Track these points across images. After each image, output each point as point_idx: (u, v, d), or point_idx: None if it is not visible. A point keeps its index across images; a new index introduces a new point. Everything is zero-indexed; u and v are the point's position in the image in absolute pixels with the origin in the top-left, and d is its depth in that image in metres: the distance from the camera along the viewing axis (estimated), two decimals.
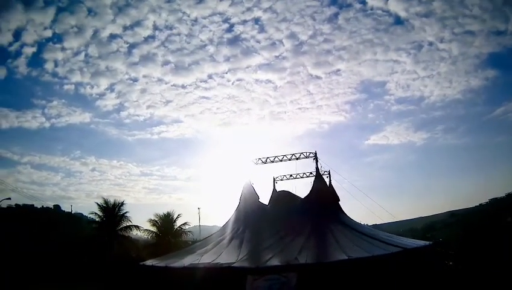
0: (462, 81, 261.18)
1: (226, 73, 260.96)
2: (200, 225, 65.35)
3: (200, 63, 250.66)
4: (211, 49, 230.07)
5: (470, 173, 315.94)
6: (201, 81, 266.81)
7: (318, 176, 29.49)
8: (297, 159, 30.13)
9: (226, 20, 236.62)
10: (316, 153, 30.20)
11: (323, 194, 28.18)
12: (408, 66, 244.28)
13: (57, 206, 78.32)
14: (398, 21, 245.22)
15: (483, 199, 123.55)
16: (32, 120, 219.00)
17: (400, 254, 20.22)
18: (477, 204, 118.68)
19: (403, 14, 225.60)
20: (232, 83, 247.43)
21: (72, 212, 74.86)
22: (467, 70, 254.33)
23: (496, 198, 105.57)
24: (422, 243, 26.18)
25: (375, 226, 60.26)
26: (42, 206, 69.02)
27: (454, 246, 39.19)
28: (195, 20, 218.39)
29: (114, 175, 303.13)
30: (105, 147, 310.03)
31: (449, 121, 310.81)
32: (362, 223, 36.96)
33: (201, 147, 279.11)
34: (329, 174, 31.36)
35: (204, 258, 21.57)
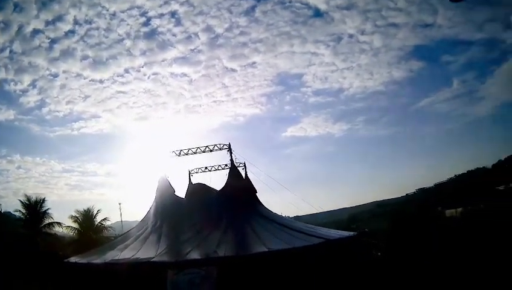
0: (384, 73, 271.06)
1: (142, 67, 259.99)
2: (122, 221, 63.89)
3: (118, 58, 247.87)
4: (128, 43, 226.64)
5: (396, 164, 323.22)
6: (118, 76, 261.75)
7: (232, 168, 29.56)
8: (211, 151, 30.06)
9: (143, 14, 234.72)
10: (229, 145, 30.19)
11: (239, 186, 28.27)
12: (326, 58, 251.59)
13: None
14: (318, 14, 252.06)
15: (411, 190, 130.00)
16: None
17: (322, 245, 20.61)
18: (404, 194, 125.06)
19: (323, 6, 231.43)
20: (148, 77, 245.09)
21: (2, 211, 70.15)
22: (389, 62, 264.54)
23: (423, 188, 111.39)
24: (345, 233, 26.73)
25: (296, 218, 61.47)
26: None
27: (382, 236, 40.75)
28: (114, 14, 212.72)
29: (38, 172, 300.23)
30: (30, 144, 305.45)
31: (371, 112, 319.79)
32: (283, 215, 37.57)
33: (119, 142, 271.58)
34: (244, 166, 31.36)
35: (124, 253, 21.02)
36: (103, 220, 36.91)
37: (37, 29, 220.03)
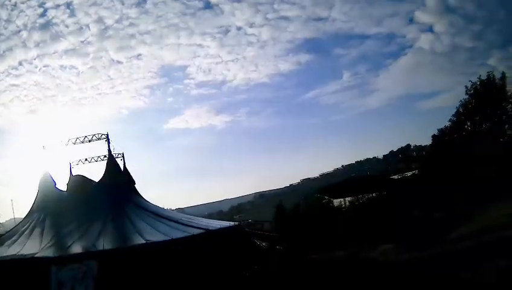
0: (270, 66, 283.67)
1: (35, 59, 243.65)
2: (14, 218, 58.94)
3: (13, 50, 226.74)
4: (24, 34, 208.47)
5: (279, 155, 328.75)
6: (12, 68, 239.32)
7: (110, 158, 29.62)
8: (89, 141, 29.72)
9: (41, 5, 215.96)
10: (107, 135, 30.14)
11: (117, 177, 28.70)
12: (212, 50, 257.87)
13: None
14: (208, 6, 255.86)
15: (295, 180, 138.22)
16: None
17: (202, 235, 21.59)
18: (288, 185, 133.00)
19: None
20: (39, 70, 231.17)
21: None
22: (276, 55, 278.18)
23: (308, 178, 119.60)
24: (226, 223, 28.11)
25: (179, 210, 62.37)
26: None
27: (267, 226, 43.06)
28: (15, 4, 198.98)
29: None
30: None
31: (254, 103, 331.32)
32: (165, 208, 38.26)
33: (11, 136, 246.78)
34: (123, 157, 31.54)
35: (10, 250, 20.85)
36: None
37: None
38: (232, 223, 28.90)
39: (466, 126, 31.15)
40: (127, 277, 17.83)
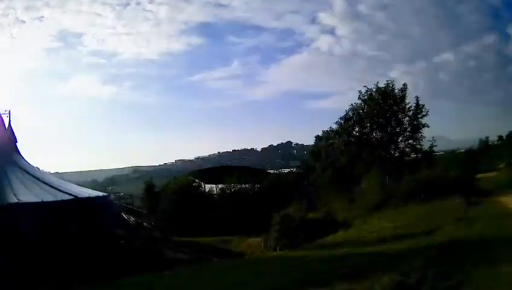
0: (162, 43, 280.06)
1: None
2: None
3: None
4: None
5: (159, 133, 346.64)
6: None
7: None
8: None
9: None
10: None
11: None
12: (109, 21, 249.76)
13: None
14: None
15: (170, 160, 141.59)
16: None
17: (71, 201, 23.56)
18: (163, 163, 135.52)
19: None
20: None
21: None
22: (169, 34, 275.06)
23: (183, 160, 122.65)
24: (95, 193, 29.09)
25: (57, 175, 61.03)
26: None
27: (139, 202, 43.95)
28: None
29: None
30: None
31: (140, 78, 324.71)
32: (43, 170, 38.02)
33: None
34: (9, 114, 30.88)
35: None
36: None
37: None
38: (101, 194, 30.17)
39: (354, 132, 29.26)
40: None
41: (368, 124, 28.53)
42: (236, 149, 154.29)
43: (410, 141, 28.33)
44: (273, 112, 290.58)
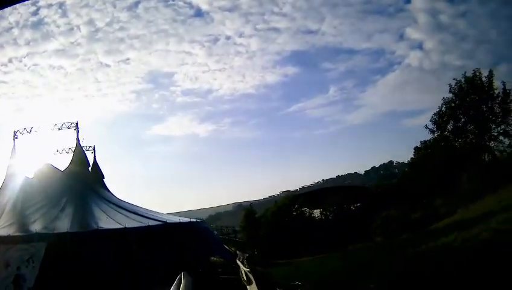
0: (257, 76, 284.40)
1: (25, 57, 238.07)
2: None
3: (4, 46, 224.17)
4: (16, 32, 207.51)
5: (261, 167, 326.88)
6: (2, 65, 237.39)
7: (78, 147, 29.98)
8: (59, 129, 30.12)
9: (34, 3, 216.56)
10: (77, 123, 30.43)
11: (82, 167, 29.06)
12: (200, 59, 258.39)
13: None
14: (199, 13, 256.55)
15: (275, 192, 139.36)
16: None
17: (159, 227, 22.08)
18: (267, 196, 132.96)
19: (205, 7, 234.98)
20: (28, 68, 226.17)
21: None
22: (264, 66, 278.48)
23: (288, 191, 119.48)
24: (187, 220, 28.03)
25: None
26: None
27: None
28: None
29: None
30: None
31: (238, 114, 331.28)
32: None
33: None
34: (94, 150, 31.89)
35: None
36: None
37: None
38: (194, 220, 29.03)
39: (448, 127, 28.91)
40: (76, 261, 17.98)
41: (461, 116, 28.42)
42: (340, 175, 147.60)
43: (502, 127, 27.22)
44: (372, 134, 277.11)
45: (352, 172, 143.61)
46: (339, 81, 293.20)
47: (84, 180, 27.92)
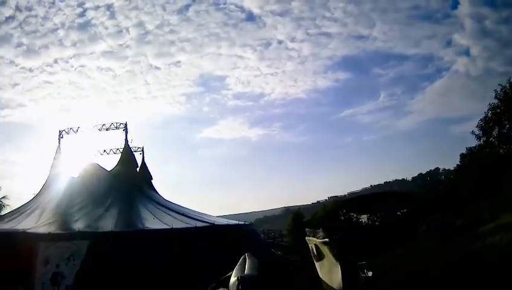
0: (308, 81, 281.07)
1: (71, 58, 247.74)
2: None
3: (49, 47, 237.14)
4: (61, 33, 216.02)
5: (310, 171, 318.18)
6: (47, 66, 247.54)
7: (126, 148, 29.49)
8: (107, 129, 29.77)
9: (80, 5, 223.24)
10: (126, 124, 29.92)
11: (130, 168, 28.56)
12: (252, 63, 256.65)
13: None
14: (250, 17, 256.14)
15: (323, 197, 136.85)
16: None
17: (205, 228, 20.85)
18: (316, 201, 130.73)
19: (256, 11, 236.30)
20: (75, 69, 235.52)
21: None
22: (315, 71, 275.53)
23: (335, 196, 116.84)
24: (234, 222, 27.13)
25: None
26: None
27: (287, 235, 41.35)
28: (53, 2, 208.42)
29: None
30: None
31: (289, 118, 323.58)
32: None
33: (41, 132, 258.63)
34: (142, 151, 31.54)
35: (6, 225, 21.11)
36: (2, 198, 34.67)
37: None
38: (242, 222, 27.62)
39: (494, 133, 28.75)
40: (120, 260, 17.33)
41: (506, 122, 27.93)
42: (388, 181, 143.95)
43: None
44: (420, 140, 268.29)
45: (400, 178, 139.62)
46: (389, 87, 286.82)
47: (131, 181, 27.29)
